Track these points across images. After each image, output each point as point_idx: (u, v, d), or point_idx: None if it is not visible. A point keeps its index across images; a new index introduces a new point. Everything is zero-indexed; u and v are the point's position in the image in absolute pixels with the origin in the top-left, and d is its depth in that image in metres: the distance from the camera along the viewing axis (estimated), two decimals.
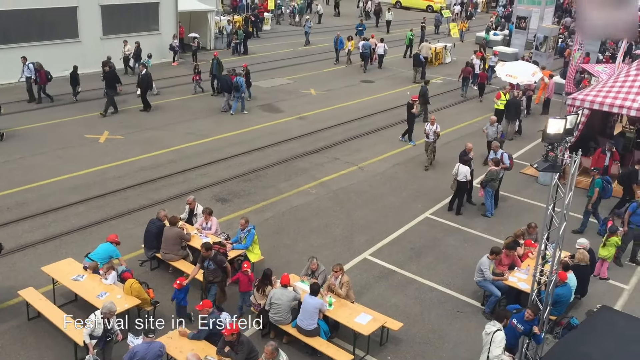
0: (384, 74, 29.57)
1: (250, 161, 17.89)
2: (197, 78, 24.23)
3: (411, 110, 19.57)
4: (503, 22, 42.49)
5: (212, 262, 10.35)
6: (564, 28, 39.02)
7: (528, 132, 21.47)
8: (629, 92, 15.67)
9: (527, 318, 9.38)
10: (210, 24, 31.63)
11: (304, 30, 35.15)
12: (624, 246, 13.20)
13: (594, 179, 14.50)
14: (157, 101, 22.93)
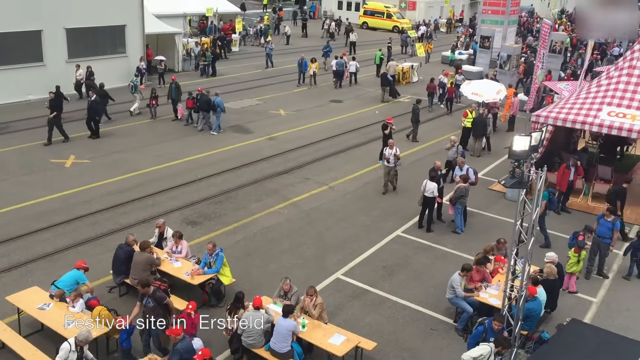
0: (352, 94, 29.83)
1: (221, 183, 17.78)
2: (153, 103, 23.49)
3: (384, 130, 19.65)
4: (467, 42, 43.38)
5: (152, 299, 9.69)
6: (526, 47, 39.98)
7: (494, 148, 21.84)
8: (590, 108, 16.10)
9: (496, 328, 9.56)
10: (177, 46, 31.57)
11: (266, 52, 34.84)
12: (592, 259, 13.44)
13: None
14: (124, 124, 22.73)
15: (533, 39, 43.14)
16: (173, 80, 24.07)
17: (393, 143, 17.45)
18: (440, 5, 57.74)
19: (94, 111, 21.01)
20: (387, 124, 19.70)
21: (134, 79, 24.82)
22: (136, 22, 28.27)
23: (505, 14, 36.99)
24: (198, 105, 22.60)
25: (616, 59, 33.90)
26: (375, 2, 54.89)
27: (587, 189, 17.53)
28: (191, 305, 9.84)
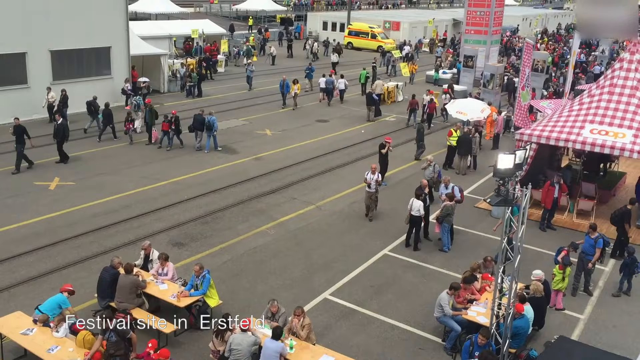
0: (338, 113, 29.98)
1: (207, 203, 17.71)
2: (129, 127, 23.04)
3: (382, 150, 19.64)
4: (452, 61, 43.89)
5: (114, 333, 9.42)
6: (509, 65, 40.55)
7: (480, 166, 22.00)
8: (573, 126, 16.31)
9: (481, 343, 9.56)
10: (163, 68, 31.62)
11: (246, 75, 34.61)
12: (578, 276, 13.51)
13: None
14: (108, 146, 22.64)
15: (516, 57, 43.74)
16: (147, 104, 23.79)
17: (375, 167, 17.08)
18: (424, 25, 58.49)
19: (62, 135, 20.53)
20: (384, 143, 19.67)
21: (136, 97, 25.29)
22: (121, 43, 28.32)
23: (487, 33, 37.57)
24: (193, 125, 22.78)
25: (597, 77, 34.52)
26: (359, 22, 55.52)
27: (571, 206, 17.68)
28: (151, 343, 9.49)
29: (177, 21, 45.76)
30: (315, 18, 62.77)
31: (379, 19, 59.40)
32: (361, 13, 67.59)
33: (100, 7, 27.05)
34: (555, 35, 65.84)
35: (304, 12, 74.15)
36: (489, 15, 37.28)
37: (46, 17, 25.11)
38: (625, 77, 16.26)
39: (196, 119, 22.73)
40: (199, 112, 23.11)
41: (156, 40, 34.06)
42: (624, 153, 15.68)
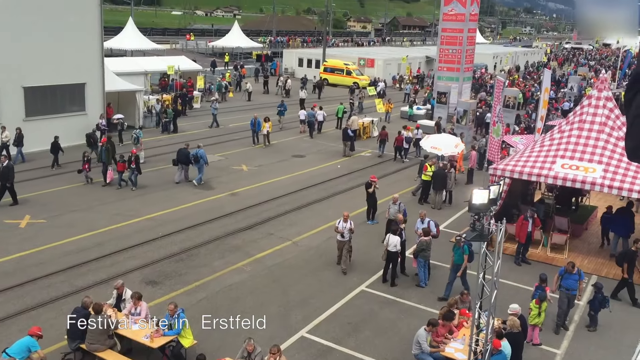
0: (314, 148, 30.13)
1: (182, 240, 17.50)
2: (85, 167, 22.04)
3: (368, 189, 19.56)
4: (425, 98, 44.62)
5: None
6: (483, 102, 41.36)
7: (455, 201, 22.19)
8: (545, 161, 16.63)
9: None
10: (138, 103, 31.55)
11: (211, 112, 34.16)
12: (562, 311, 13.48)
13: (458, 246, 14.67)
14: (82, 182, 22.33)
15: (486, 94, 44.62)
16: (104, 142, 22.96)
17: (347, 215, 16.12)
18: (398, 62, 59.57)
19: (5, 177, 19.58)
20: (371, 183, 19.56)
21: (136, 130, 25.78)
22: (96, 80, 28.25)
23: (460, 70, 38.42)
24: (177, 159, 22.88)
25: (566, 113, 35.35)
26: (334, 59, 56.33)
27: (545, 240, 17.88)
28: None
29: (153, 57, 45.93)
30: (291, 55, 63.58)
31: (354, 56, 60.37)
32: (336, 50, 68.69)
33: (75, 44, 27.02)
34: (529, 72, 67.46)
35: (280, 49, 75.13)
36: (460, 53, 38.20)
37: (20, 53, 24.99)
38: (594, 114, 16.69)
39: (181, 152, 22.86)
40: (183, 146, 23.32)
41: (131, 76, 34.07)
42: (594, 187, 16.00)
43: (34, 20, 25.27)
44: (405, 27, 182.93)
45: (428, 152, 24.46)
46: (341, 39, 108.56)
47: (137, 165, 21.97)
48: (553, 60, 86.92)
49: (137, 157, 22.06)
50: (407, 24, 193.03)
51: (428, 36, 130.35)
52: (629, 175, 15.54)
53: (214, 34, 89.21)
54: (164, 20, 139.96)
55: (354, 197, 22.47)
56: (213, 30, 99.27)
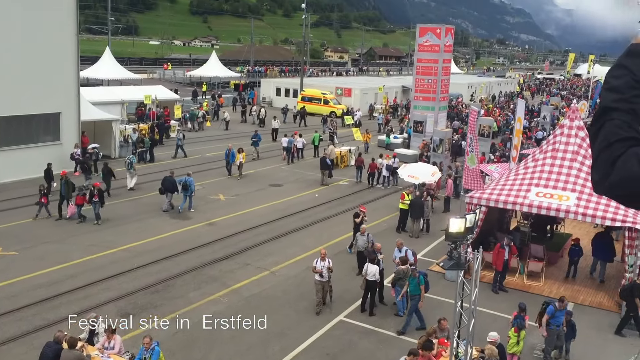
0: (292, 177, 30.15)
1: (158, 271, 17.24)
2: (44, 201, 21.20)
3: (356, 219, 19.39)
4: (402, 127, 45.10)
5: None
6: (461, 130, 41.91)
7: (432, 229, 22.29)
8: (520, 189, 16.84)
9: None
10: (114, 133, 31.35)
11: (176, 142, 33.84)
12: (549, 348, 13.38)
13: (414, 276, 14.52)
14: (54, 213, 21.98)
15: (459, 123, 45.17)
16: (62, 176, 22.17)
17: (325, 254, 15.33)
18: (375, 92, 60.30)
19: None
20: (359, 212, 19.46)
21: (130, 156, 26.03)
22: (72, 109, 28.07)
23: (435, 100, 38.99)
24: (164, 187, 22.89)
25: (540, 142, 35.99)
26: (312, 89, 56.82)
27: (522, 268, 18.01)
28: None
29: (130, 87, 45.87)
30: (269, 84, 64.00)
31: (331, 85, 60.98)
32: (314, 80, 69.31)
33: (51, 73, 26.87)
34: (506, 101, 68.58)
35: (258, 78, 75.61)
36: (436, 82, 38.81)
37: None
38: (567, 142, 17.01)
39: (167, 180, 22.96)
40: (169, 173, 23.47)
41: (108, 105, 33.97)
42: (568, 215, 16.22)
43: (9, 49, 25.12)
44: (382, 57, 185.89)
45: (406, 180, 24.62)
46: (319, 69, 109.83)
47: (101, 198, 21.23)
48: (526, 90, 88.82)
49: (100, 190, 21.32)
50: (384, 54, 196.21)
51: (404, 66, 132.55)
52: (602, 203, 15.80)
53: (192, 64, 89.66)
54: (142, 50, 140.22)
55: (332, 226, 22.48)
56: (191, 59, 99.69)
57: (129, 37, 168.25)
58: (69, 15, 27.51)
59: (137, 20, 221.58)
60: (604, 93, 2.11)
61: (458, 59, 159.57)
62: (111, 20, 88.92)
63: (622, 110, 2.04)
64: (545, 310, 13.27)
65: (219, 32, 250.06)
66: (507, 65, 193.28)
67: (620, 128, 2.02)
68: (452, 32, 40.52)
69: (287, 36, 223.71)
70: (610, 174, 1.98)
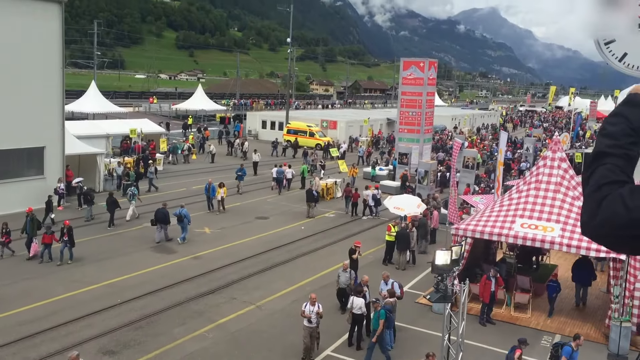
0: (278, 210, 30.08)
1: (142, 307, 16.97)
2: (7, 240, 20.52)
3: (352, 255, 18.88)
4: (387, 158, 45.39)
5: None
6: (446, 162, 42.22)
7: (418, 261, 22.26)
8: (505, 220, 16.93)
9: None
10: (99, 167, 31.18)
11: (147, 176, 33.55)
12: None
13: (376, 309, 14.31)
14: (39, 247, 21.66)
15: (444, 154, 45.55)
16: (28, 213, 21.50)
17: (315, 298, 14.53)
18: (360, 124, 60.80)
19: None
20: (354, 248, 18.92)
21: (132, 188, 26.74)
22: (56, 143, 27.91)
23: (420, 132, 39.36)
24: (156, 219, 23.05)
25: (522, 173, 36.40)
26: (298, 121, 57.17)
27: (509, 299, 17.97)
28: None
29: (115, 120, 45.87)
30: (255, 117, 64.30)
31: (317, 117, 61.44)
32: (299, 112, 69.83)
33: (35, 108, 26.78)
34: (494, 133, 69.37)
35: (244, 111, 76.01)
36: (420, 115, 39.24)
37: None
38: (550, 174, 17.21)
39: (159, 212, 23.20)
40: (161, 205, 23.66)
41: (93, 139, 33.88)
42: (553, 246, 16.31)
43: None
44: (367, 90, 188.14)
45: (391, 212, 24.68)
46: (304, 102, 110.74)
47: (70, 237, 20.29)
48: (509, 122, 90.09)
49: (69, 229, 20.33)
50: (369, 87, 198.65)
51: (389, 99, 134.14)
52: None
53: (178, 97, 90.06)
54: (128, 84, 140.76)
55: (319, 258, 22.38)
56: (177, 93, 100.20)
57: (115, 71, 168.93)
58: (54, 50, 27.57)
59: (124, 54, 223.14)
60: (599, 138, 2.15)
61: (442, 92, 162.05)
62: (97, 54, 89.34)
63: (615, 156, 2.07)
64: (560, 352, 12.77)
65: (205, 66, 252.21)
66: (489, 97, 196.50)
67: (612, 172, 2.04)
68: (435, 65, 41.16)
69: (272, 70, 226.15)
70: (597, 214, 1.98)
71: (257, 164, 39.71)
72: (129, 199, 26.10)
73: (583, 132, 67.23)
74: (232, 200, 31.05)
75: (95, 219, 26.07)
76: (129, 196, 26.13)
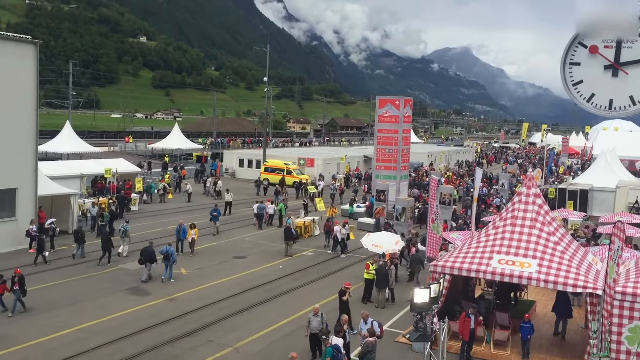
0: (256, 249, 29.78)
1: (114, 352, 16.48)
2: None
3: (342, 297, 18.58)
4: (365, 195, 45.48)
5: None
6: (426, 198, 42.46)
7: (397, 298, 22.10)
8: (482, 257, 16.96)
9: None
10: (73, 207, 30.67)
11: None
12: None
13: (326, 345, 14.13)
14: None
15: (419, 191, 45.85)
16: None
17: (295, 357, 13.66)
18: (337, 161, 61.08)
19: None
20: (344, 290, 18.63)
21: (124, 225, 27.00)
22: (29, 184, 27.49)
23: (397, 169, 39.69)
24: (143, 257, 23.09)
25: (498, 209, 36.72)
26: (275, 159, 57.24)
27: (488, 337, 17.87)
28: None
29: (90, 160, 45.43)
30: (232, 155, 64.22)
31: (294, 155, 61.58)
32: (277, 150, 70.01)
33: (8, 149, 26.42)
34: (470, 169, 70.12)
35: (221, 149, 75.96)
36: (396, 152, 39.64)
37: None
38: (525, 210, 17.36)
39: (146, 250, 23.20)
40: (148, 244, 23.86)
41: (66, 179, 33.43)
42: (531, 282, 16.33)
43: None
44: (343, 128, 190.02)
45: (370, 250, 24.59)
46: (281, 139, 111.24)
47: (21, 286, 19.21)
48: (484, 158, 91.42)
49: (21, 277, 19.27)
50: (345, 124, 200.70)
51: (365, 136, 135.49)
52: (562, 270, 16.00)
53: (154, 136, 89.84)
54: (103, 123, 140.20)
55: (297, 298, 22.11)
56: (153, 132, 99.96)
57: (91, 110, 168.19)
58: (28, 91, 27.38)
59: (99, 94, 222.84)
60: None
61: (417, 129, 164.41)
62: (72, 94, 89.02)
63: None
64: None
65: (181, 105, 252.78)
66: (464, 134, 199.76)
67: None
68: (410, 103, 41.81)
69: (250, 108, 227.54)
70: None
71: (230, 203, 39.05)
72: (121, 236, 26.56)
73: (556, 167, 68.41)
74: (209, 239, 30.71)
75: (87, 257, 26.22)
76: (122, 233, 26.61)
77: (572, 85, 4.48)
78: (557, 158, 76.22)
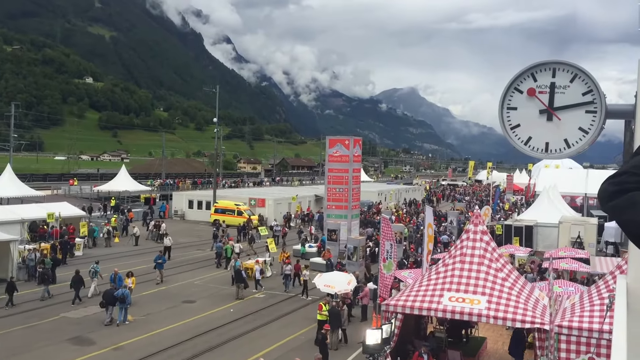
0: (205, 293, 29.10)
1: None
2: None
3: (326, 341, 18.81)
4: (317, 236, 45.39)
5: None
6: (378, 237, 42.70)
7: (350, 339, 21.89)
8: (433, 294, 17.02)
9: None
10: (12, 254, 29.36)
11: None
12: None
13: None
14: None
15: (372, 230, 46.24)
16: None
17: None
18: (288, 201, 60.98)
19: None
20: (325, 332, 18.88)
21: (94, 265, 27.62)
22: None
23: (348, 208, 39.88)
24: (106, 301, 22.92)
25: (445, 246, 37.27)
26: (225, 200, 56.69)
27: None
28: None
29: (32, 205, 43.82)
30: (181, 197, 63.22)
31: (245, 196, 61.13)
32: (227, 191, 69.36)
33: None
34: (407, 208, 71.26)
35: (170, 191, 74.71)
36: (347, 191, 39.91)
37: None
38: (473, 247, 17.62)
39: (107, 293, 23.21)
40: (109, 287, 24.30)
41: (6, 225, 32.12)
42: (481, 319, 16.46)
43: None
44: (294, 167, 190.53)
45: (322, 290, 24.40)
46: (232, 180, 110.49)
47: None
48: (433, 196, 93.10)
49: None
50: (296, 164, 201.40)
51: (316, 175, 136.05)
52: (511, 306, 16.20)
53: (100, 178, 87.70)
54: (46, 166, 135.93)
55: (249, 342, 21.63)
56: (99, 174, 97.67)
57: (33, 153, 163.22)
58: None
59: (43, 136, 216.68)
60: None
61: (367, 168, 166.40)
62: (14, 136, 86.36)
63: None
64: None
65: (129, 146, 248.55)
66: (413, 172, 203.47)
67: None
68: (360, 142, 42.39)
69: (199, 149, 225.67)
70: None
71: (169, 248, 37.52)
72: (92, 277, 26.89)
73: (502, 204, 70.22)
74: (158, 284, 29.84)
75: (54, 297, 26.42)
76: (92, 273, 26.96)
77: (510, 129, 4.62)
78: (502, 195, 78.33)
